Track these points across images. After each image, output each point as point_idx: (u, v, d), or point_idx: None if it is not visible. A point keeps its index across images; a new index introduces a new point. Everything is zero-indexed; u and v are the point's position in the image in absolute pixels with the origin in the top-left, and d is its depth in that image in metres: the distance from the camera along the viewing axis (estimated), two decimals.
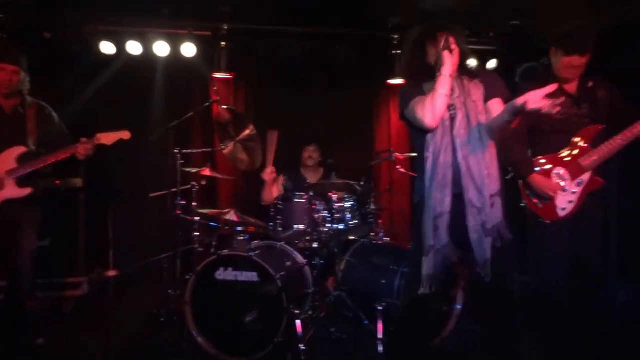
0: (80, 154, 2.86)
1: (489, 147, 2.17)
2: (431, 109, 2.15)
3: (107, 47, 4.36)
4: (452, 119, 2.21)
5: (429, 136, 2.21)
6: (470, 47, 4.70)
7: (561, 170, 2.55)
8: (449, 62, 2.14)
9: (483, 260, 2.10)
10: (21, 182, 2.79)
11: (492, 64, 4.80)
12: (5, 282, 2.93)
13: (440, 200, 2.14)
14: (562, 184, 2.54)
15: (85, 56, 4.37)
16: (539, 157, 2.60)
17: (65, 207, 3.82)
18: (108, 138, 2.93)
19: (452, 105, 2.22)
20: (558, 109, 1.96)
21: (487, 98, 2.24)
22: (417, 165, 2.35)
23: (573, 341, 2.55)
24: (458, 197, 2.15)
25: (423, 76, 2.29)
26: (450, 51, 2.14)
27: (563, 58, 2.51)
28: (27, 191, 2.80)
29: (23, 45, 3.33)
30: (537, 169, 2.58)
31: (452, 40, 2.15)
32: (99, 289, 4.01)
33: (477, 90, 2.24)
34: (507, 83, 2.32)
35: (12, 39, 3.99)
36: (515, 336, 2.23)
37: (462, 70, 2.28)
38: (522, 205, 2.64)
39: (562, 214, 2.53)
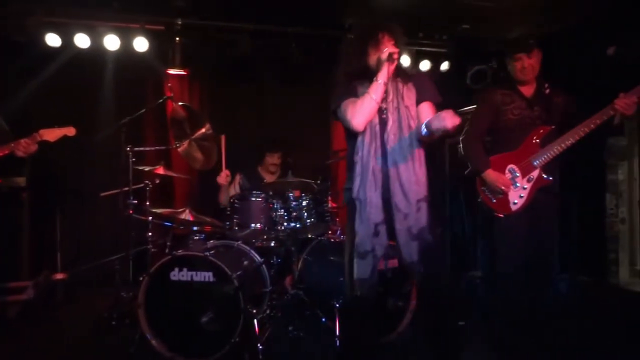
0: (21, 151, 2.71)
1: (418, 152, 2.22)
2: (361, 113, 2.18)
3: (53, 40, 4.17)
4: (383, 123, 2.23)
5: (359, 140, 2.23)
6: (424, 49, 4.91)
7: (514, 168, 2.72)
8: (386, 71, 2.17)
9: (410, 261, 2.16)
10: None
11: (444, 66, 4.95)
12: None
13: (377, 206, 2.17)
14: (515, 180, 2.71)
15: (30, 48, 4.15)
16: (496, 155, 2.77)
17: (7, 207, 3.62)
18: (52, 134, 2.80)
19: (384, 109, 2.24)
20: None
21: (418, 101, 2.28)
22: (348, 165, 2.36)
23: (525, 332, 2.69)
24: (387, 201, 2.19)
25: (359, 76, 2.29)
26: (392, 62, 2.17)
27: (513, 62, 2.74)
28: None
29: None
30: (496, 166, 2.72)
31: (393, 48, 2.18)
32: (46, 293, 3.83)
33: (410, 94, 2.27)
34: (458, 85, 2.43)
35: None
36: (455, 332, 2.30)
37: (397, 71, 2.29)
38: (478, 200, 2.81)
39: (514, 207, 2.70)
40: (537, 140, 2.70)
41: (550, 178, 2.69)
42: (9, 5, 3.97)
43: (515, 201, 2.70)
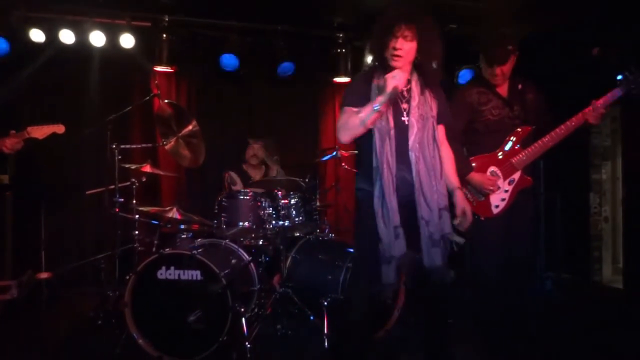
0: (7, 147, 2.66)
1: (439, 163, 2.19)
2: (347, 130, 2.11)
3: (37, 35, 4.10)
4: (403, 126, 2.13)
5: (377, 143, 2.12)
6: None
7: (496, 169, 2.70)
8: (384, 99, 2.02)
9: (432, 266, 2.12)
10: None
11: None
12: None
13: (394, 211, 2.10)
14: (497, 182, 2.68)
15: (13, 44, 4.07)
16: (476, 157, 2.73)
17: None
18: (40, 131, 2.76)
19: (403, 110, 2.15)
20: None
21: (438, 120, 2.23)
22: (360, 165, 2.31)
23: (505, 331, 2.71)
24: (405, 207, 2.14)
25: (377, 72, 2.18)
26: (390, 98, 2.02)
27: (487, 68, 2.70)
28: None
29: None
30: (474, 165, 2.71)
31: (409, 37, 2.07)
32: (30, 293, 3.77)
33: (434, 106, 2.21)
34: (445, 85, 2.42)
35: None
36: (447, 330, 2.31)
37: (425, 76, 2.20)
38: None
39: (495, 211, 2.68)
40: (518, 141, 2.69)
41: (530, 178, 2.70)
42: None
43: (497, 204, 2.68)
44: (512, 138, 2.70)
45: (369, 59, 4.50)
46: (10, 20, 4.02)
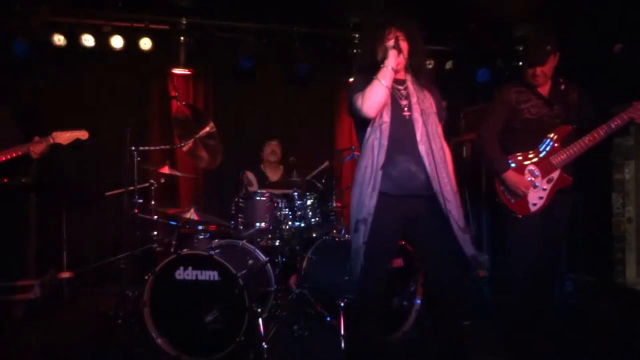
0: (35, 152, 2.74)
1: (446, 156, 2.25)
2: (370, 98, 2.13)
3: (59, 40, 4.19)
4: (404, 121, 2.19)
5: (365, 137, 2.20)
6: (428, 47, 4.90)
7: (534, 168, 2.69)
8: (393, 57, 2.13)
9: (470, 255, 2.16)
10: None
11: (448, 65, 4.93)
12: None
13: (363, 202, 2.17)
14: (534, 181, 2.67)
15: (36, 49, 4.17)
16: (514, 155, 2.73)
17: (14, 206, 3.64)
18: (64, 137, 2.82)
19: (404, 107, 2.21)
20: None
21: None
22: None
23: (535, 331, 2.68)
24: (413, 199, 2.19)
25: (374, 72, 2.21)
26: (399, 51, 2.14)
27: (527, 69, 2.69)
28: None
29: None
30: (514, 166, 2.70)
31: (401, 39, 2.16)
32: (52, 292, 3.85)
33: (433, 104, 2.28)
34: (463, 84, 2.43)
35: None
36: (464, 330, 2.29)
37: (418, 76, 2.30)
38: (496, 200, 2.77)
39: (533, 209, 2.67)
40: (558, 140, 2.67)
41: (570, 178, 2.68)
42: (15, 6, 3.98)
43: (535, 202, 2.66)
44: (551, 137, 2.68)
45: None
46: (33, 25, 4.11)
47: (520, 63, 2.81)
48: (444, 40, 4.86)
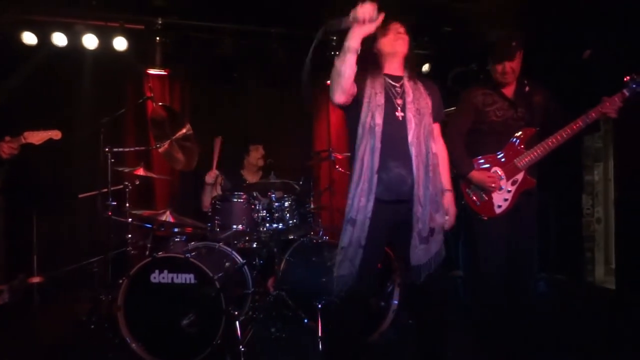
0: (5, 152, 2.66)
1: (435, 159, 2.21)
2: (332, 84, 2.05)
3: (29, 38, 4.09)
4: (397, 122, 2.14)
5: (357, 141, 2.12)
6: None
7: (498, 170, 2.72)
8: (357, 35, 1.93)
9: (417, 264, 2.12)
10: None
11: (425, 67, 5.00)
12: None
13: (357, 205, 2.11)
14: (499, 182, 2.70)
15: (5, 47, 4.05)
16: (478, 157, 2.76)
17: None
18: (37, 137, 2.75)
19: (397, 106, 2.16)
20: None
21: (433, 118, 2.25)
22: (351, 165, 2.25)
23: (507, 331, 2.72)
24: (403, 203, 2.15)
25: (372, 66, 2.20)
26: (362, 20, 1.92)
27: (495, 66, 2.72)
28: None
29: None
30: (485, 166, 2.74)
31: (402, 32, 2.17)
32: (21, 297, 3.74)
33: (429, 103, 2.22)
34: (439, 87, 2.44)
35: None
36: (444, 331, 2.31)
37: (415, 73, 2.27)
38: (462, 202, 2.79)
39: (498, 211, 2.70)
40: (522, 142, 2.71)
41: (535, 180, 2.72)
42: None
43: (500, 204, 2.70)
44: (515, 139, 2.72)
45: None
46: (2, 22, 4.00)
47: (488, 67, 2.82)
48: (421, 43, 4.92)
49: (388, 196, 2.13)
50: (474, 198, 2.74)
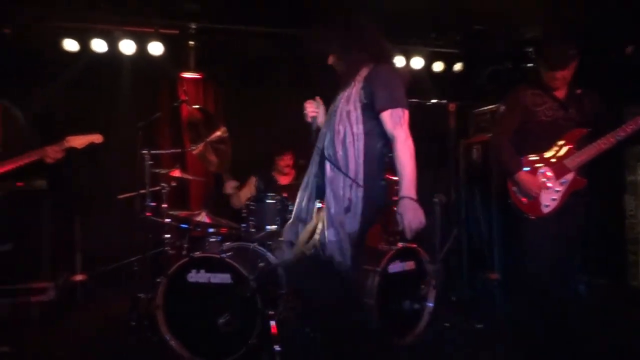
0: (50, 157, 2.76)
1: (351, 156, 2.08)
2: None
3: (70, 45, 4.24)
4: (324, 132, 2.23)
5: None
6: (437, 50, 4.89)
7: (547, 170, 2.68)
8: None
9: (338, 261, 2.04)
10: None
11: (457, 66, 4.93)
12: None
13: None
14: (547, 182, 2.67)
15: (48, 54, 4.22)
16: (527, 156, 2.72)
17: (29, 210, 3.69)
18: (79, 141, 2.84)
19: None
20: None
21: (374, 110, 2.08)
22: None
23: (547, 334, 2.67)
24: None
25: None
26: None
27: (546, 72, 2.67)
28: None
29: None
30: (526, 168, 2.70)
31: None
32: (66, 294, 3.89)
33: (355, 95, 2.13)
34: (472, 86, 2.42)
35: None
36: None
37: (342, 76, 2.30)
38: (508, 202, 2.75)
39: (545, 210, 2.66)
40: (572, 143, 2.66)
41: (585, 180, 2.66)
42: (26, 12, 4.04)
43: (547, 204, 2.66)
44: (565, 139, 2.67)
45: None
46: (45, 30, 4.17)
47: (531, 65, 2.77)
48: (452, 43, 4.86)
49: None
50: (521, 197, 2.70)
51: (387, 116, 2.04)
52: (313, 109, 2.41)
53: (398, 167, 2.00)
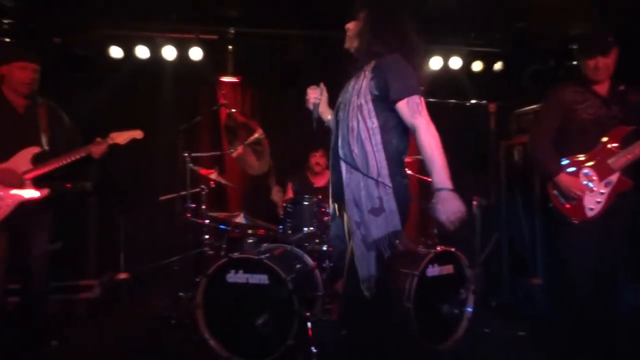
0: (95, 153, 2.86)
1: (372, 153, 1.94)
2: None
3: (115, 52, 4.42)
4: (336, 124, 2.10)
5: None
6: (476, 49, 4.79)
7: (589, 171, 2.57)
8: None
9: (361, 277, 1.90)
10: (36, 184, 2.75)
11: (498, 66, 4.82)
12: (19, 285, 2.90)
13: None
14: (590, 184, 2.56)
15: (94, 60, 4.41)
16: (567, 157, 2.62)
17: (77, 210, 3.85)
18: (121, 137, 2.95)
19: (340, 104, 2.09)
20: None
21: (385, 100, 1.94)
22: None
23: (592, 341, 2.57)
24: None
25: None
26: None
27: (586, 61, 2.56)
28: (43, 193, 2.77)
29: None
30: (573, 168, 2.59)
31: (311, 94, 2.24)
32: (111, 292, 4.04)
33: (366, 85, 1.98)
34: (513, 85, 2.35)
35: (23, 44, 4.03)
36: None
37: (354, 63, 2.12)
38: (549, 205, 2.65)
39: (590, 214, 2.55)
40: (616, 142, 2.55)
41: (631, 181, 2.54)
42: (75, 22, 4.23)
43: (592, 207, 2.54)
44: (609, 138, 2.56)
45: None
46: (92, 38, 4.36)
47: (576, 62, 2.66)
48: (492, 41, 4.75)
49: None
50: (563, 201, 2.59)
51: (403, 105, 1.90)
52: (316, 95, 2.28)
53: (426, 158, 1.85)
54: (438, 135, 1.86)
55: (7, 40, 4.05)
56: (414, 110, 1.88)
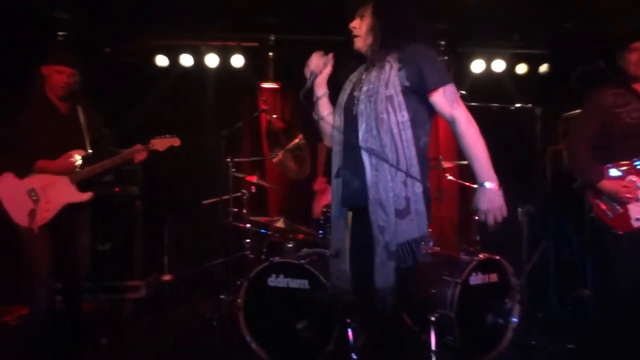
0: (137, 158, 2.95)
1: (401, 149, 1.80)
2: (319, 113, 2.15)
3: (161, 60, 4.58)
4: (354, 119, 1.89)
5: None
6: (520, 51, 4.66)
7: (635, 178, 2.44)
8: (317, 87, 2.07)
9: (377, 286, 1.78)
10: (81, 186, 2.81)
11: (543, 68, 4.68)
12: (62, 284, 2.91)
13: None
14: (636, 193, 2.42)
15: (142, 69, 4.59)
16: (610, 165, 2.50)
17: (124, 213, 4.00)
18: (161, 144, 3.02)
19: (357, 99, 1.90)
20: None
21: (420, 91, 1.81)
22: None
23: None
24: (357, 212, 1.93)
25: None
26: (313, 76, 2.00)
27: (627, 54, 2.44)
28: (87, 195, 2.82)
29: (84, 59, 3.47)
30: (618, 173, 2.47)
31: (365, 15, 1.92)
32: (154, 293, 4.16)
33: (388, 77, 1.82)
34: (560, 88, 2.26)
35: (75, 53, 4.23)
36: None
37: (371, 54, 1.93)
38: (591, 215, 2.54)
39: (636, 224, 2.41)
40: None
41: None
42: (124, 33, 4.42)
43: (638, 217, 2.40)
44: None
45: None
46: (140, 48, 4.54)
47: (619, 60, 2.52)
48: (537, 43, 4.61)
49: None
50: (606, 210, 2.47)
51: (439, 95, 1.79)
52: (319, 63, 2.08)
53: (468, 151, 1.75)
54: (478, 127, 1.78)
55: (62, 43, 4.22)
56: (451, 100, 1.79)
